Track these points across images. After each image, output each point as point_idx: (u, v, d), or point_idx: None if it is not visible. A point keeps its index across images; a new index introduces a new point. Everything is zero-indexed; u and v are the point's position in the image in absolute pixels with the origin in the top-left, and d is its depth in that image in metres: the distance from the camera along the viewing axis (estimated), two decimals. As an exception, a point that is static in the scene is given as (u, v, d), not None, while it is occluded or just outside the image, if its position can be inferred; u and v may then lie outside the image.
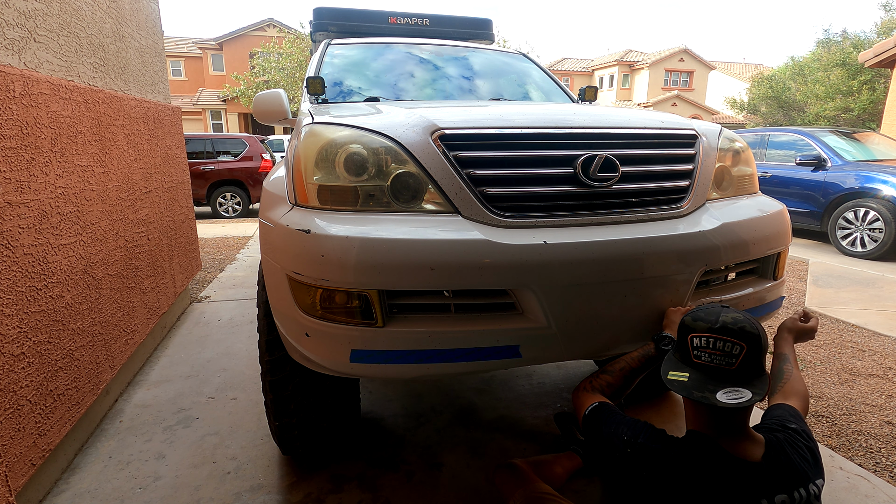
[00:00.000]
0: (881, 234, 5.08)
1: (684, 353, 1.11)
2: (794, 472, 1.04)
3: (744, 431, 1.08)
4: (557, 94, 2.79)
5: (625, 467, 1.11)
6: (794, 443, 1.10)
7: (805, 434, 1.14)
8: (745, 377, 1.04)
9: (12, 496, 1.42)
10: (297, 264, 1.22)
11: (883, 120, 8.67)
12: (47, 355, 1.68)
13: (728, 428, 1.07)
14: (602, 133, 1.40)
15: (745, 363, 1.04)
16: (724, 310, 1.10)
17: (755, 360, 1.05)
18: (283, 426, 1.64)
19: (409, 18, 3.57)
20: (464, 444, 1.95)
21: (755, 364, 1.05)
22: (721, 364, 1.05)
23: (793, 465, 1.05)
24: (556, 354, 1.30)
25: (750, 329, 1.05)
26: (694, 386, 1.04)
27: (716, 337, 1.05)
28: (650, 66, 29.56)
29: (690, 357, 1.08)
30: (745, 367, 1.04)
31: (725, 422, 1.07)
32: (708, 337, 1.06)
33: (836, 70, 16.89)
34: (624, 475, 1.12)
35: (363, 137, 1.31)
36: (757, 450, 1.06)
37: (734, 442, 1.06)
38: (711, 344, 1.05)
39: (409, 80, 2.56)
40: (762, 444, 1.08)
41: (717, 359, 1.05)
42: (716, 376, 1.05)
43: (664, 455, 1.09)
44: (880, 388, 2.45)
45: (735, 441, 1.06)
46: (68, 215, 1.86)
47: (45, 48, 1.80)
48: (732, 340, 1.04)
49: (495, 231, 1.23)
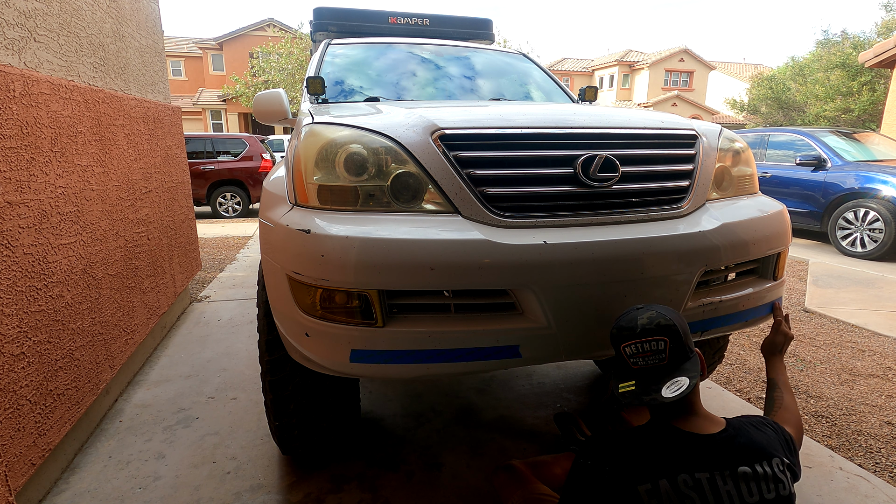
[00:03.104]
0: (881, 235, 5.08)
1: (622, 364, 1.16)
2: (755, 447, 1.07)
3: (696, 411, 1.14)
4: (557, 95, 2.79)
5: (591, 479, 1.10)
6: (760, 426, 1.15)
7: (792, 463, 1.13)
8: (676, 366, 1.11)
9: (12, 496, 1.42)
10: (297, 264, 1.22)
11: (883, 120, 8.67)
12: (47, 355, 1.68)
13: (678, 410, 1.13)
14: (602, 133, 1.40)
15: (673, 353, 1.11)
16: (638, 311, 1.15)
17: (680, 347, 1.12)
18: (283, 426, 1.64)
19: (409, 18, 3.57)
20: (464, 444, 1.95)
21: (681, 350, 1.12)
22: (655, 363, 1.11)
23: (753, 441, 1.09)
24: (556, 354, 1.30)
25: (665, 322, 1.11)
26: (642, 391, 1.09)
27: (640, 341, 1.11)
28: (650, 67, 29.56)
29: (629, 366, 1.14)
30: (675, 356, 1.11)
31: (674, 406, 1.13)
32: (634, 343, 1.12)
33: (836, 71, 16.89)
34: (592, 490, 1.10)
35: (363, 137, 1.31)
36: (714, 427, 1.11)
37: (688, 421, 1.12)
38: (640, 348, 1.11)
39: (409, 80, 2.56)
40: (721, 423, 1.13)
41: (650, 359, 1.11)
42: (655, 375, 1.11)
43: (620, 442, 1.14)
44: (880, 389, 2.45)
45: (689, 420, 1.12)
46: (68, 215, 1.86)
47: (45, 48, 1.80)
48: (655, 338, 1.10)
49: (495, 231, 1.23)
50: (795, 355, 2.85)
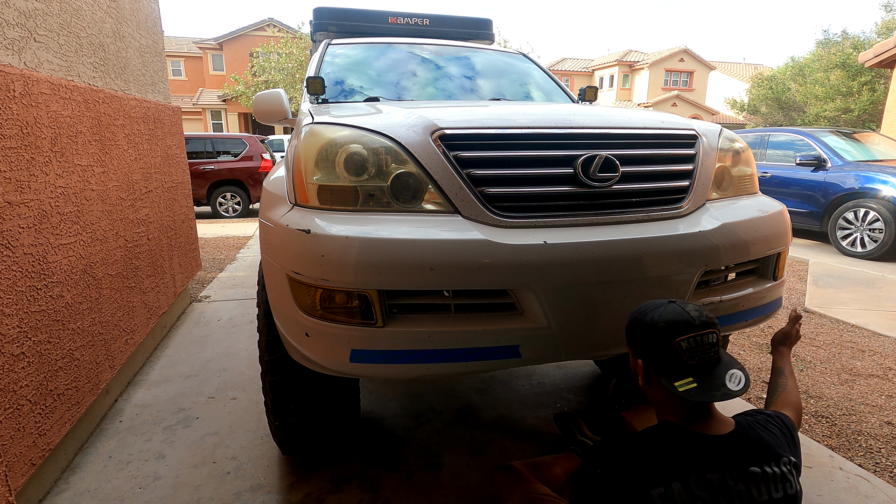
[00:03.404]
0: (881, 235, 5.08)
1: (674, 361, 1.07)
2: (764, 447, 1.06)
3: (712, 412, 1.11)
4: (557, 94, 2.79)
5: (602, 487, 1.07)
6: (766, 425, 1.14)
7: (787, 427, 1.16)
8: (723, 358, 1.10)
9: (12, 496, 1.42)
10: (297, 264, 1.22)
11: (883, 120, 8.66)
12: (47, 355, 1.67)
13: (698, 412, 1.09)
14: (602, 133, 1.40)
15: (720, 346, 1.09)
16: (672, 304, 1.11)
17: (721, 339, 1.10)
18: (283, 426, 1.64)
19: (409, 18, 3.57)
20: (464, 444, 1.95)
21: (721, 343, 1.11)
22: (711, 357, 1.07)
23: (763, 441, 1.08)
24: (556, 354, 1.30)
25: (709, 313, 1.10)
26: (708, 387, 1.05)
27: (699, 334, 1.06)
28: (650, 67, 29.56)
29: (684, 361, 1.06)
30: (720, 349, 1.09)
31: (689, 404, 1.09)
32: (692, 336, 1.06)
33: (836, 71, 16.89)
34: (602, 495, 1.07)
35: (363, 137, 1.31)
36: (724, 427, 1.09)
37: (702, 424, 1.09)
38: (699, 341, 1.06)
39: (409, 80, 2.56)
40: (731, 424, 1.10)
41: (707, 353, 1.07)
42: (710, 369, 1.07)
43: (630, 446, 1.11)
44: (880, 389, 2.45)
45: (703, 423, 1.09)
46: (68, 215, 1.86)
47: (45, 48, 1.80)
48: (709, 331, 1.07)
49: (495, 231, 1.23)
50: (796, 355, 2.85)
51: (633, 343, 1.15)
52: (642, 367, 1.12)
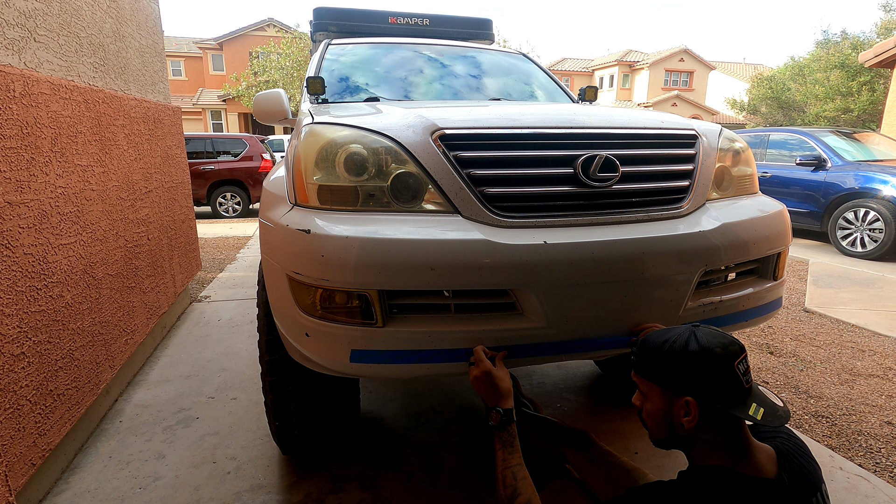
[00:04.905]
0: (881, 235, 5.08)
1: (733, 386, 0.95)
2: (809, 481, 0.97)
3: (753, 444, 0.99)
4: (557, 94, 2.79)
5: None
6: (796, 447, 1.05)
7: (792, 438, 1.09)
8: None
9: (12, 496, 1.42)
10: (297, 264, 1.22)
11: (883, 120, 8.67)
12: (47, 355, 1.67)
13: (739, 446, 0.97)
14: (602, 133, 1.40)
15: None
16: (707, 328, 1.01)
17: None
18: (283, 426, 1.64)
19: (409, 18, 3.57)
20: (464, 444, 1.95)
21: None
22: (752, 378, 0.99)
23: (806, 474, 0.99)
24: (555, 355, 1.30)
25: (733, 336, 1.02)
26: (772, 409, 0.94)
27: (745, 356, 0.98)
28: (650, 66, 29.56)
29: (742, 386, 0.96)
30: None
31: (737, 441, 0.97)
32: (744, 359, 0.97)
33: (836, 71, 16.89)
34: None
35: (363, 137, 1.31)
36: (770, 463, 0.97)
37: (746, 462, 0.96)
38: (747, 364, 0.98)
39: (409, 80, 2.56)
40: (773, 455, 0.99)
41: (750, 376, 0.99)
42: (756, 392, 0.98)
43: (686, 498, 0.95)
44: (880, 389, 2.45)
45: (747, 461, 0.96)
46: (68, 215, 1.86)
47: (45, 48, 1.80)
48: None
49: (495, 231, 1.23)
50: (795, 355, 2.85)
51: (675, 379, 0.98)
52: (695, 404, 0.95)
